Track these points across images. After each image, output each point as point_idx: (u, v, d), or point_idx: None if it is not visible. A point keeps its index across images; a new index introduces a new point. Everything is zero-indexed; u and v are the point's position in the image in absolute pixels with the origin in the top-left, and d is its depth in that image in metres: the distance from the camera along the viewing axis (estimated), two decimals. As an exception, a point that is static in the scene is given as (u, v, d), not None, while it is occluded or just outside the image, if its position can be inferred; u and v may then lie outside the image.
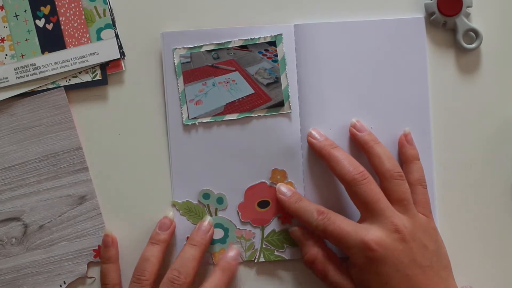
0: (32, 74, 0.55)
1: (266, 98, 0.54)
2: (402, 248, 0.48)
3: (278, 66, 0.54)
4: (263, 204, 0.54)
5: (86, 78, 0.56)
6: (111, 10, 0.56)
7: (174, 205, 0.55)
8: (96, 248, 0.56)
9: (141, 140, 0.56)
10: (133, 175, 0.56)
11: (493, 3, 0.55)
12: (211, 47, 0.55)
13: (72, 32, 0.56)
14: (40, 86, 0.56)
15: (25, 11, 0.56)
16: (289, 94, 0.54)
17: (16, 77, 0.55)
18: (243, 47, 0.55)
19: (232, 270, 0.52)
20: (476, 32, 0.55)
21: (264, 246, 0.54)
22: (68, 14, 0.55)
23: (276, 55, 0.54)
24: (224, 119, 0.55)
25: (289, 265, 0.55)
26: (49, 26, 0.56)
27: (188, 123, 0.55)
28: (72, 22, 0.56)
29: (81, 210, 0.56)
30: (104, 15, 0.55)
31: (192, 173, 0.55)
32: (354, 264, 0.49)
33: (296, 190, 0.54)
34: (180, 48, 0.55)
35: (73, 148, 0.56)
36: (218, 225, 0.55)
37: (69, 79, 0.56)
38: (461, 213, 0.55)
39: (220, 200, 0.55)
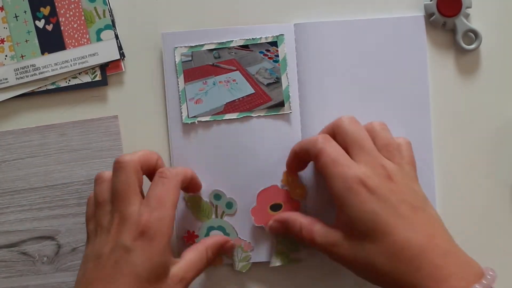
0: (32, 75, 0.55)
1: (266, 98, 0.54)
2: (390, 186, 0.45)
3: (279, 66, 0.54)
4: (275, 207, 0.54)
5: (86, 79, 0.56)
6: (111, 11, 0.56)
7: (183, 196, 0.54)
8: None
9: (141, 140, 0.56)
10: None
11: (492, 4, 0.56)
12: (213, 46, 0.55)
13: (72, 33, 0.56)
14: (40, 87, 0.56)
15: (25, 12, 0.56)
16: (290, 94, 0.54)
17: (16, 78, 0.55)
18: (245, 47, 0.55)
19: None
20: (475, 33, 0.55)
21: (279, 249, 0.54)
22: (68, 15, 0.55)
23: (277, 55, 0.54)
24: (223, 118, 0.54)
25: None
26: (49, 27, 0.56)
27: (187, 122, 0.55)
28: (72, 23, 0.56)
29: None
30: (104, 16, 0.55)
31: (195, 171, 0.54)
32: (338, 200, 0.46)
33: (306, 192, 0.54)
34: (181, 47, 0.55)
35: None
36: (220, 228, 0.54)
37: (69, 80, 0.56)
38: (461, 213, 0.55)
39: (229, 204, 0.54)
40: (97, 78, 0.56)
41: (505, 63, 0.55)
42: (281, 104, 0.54)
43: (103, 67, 0.56)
